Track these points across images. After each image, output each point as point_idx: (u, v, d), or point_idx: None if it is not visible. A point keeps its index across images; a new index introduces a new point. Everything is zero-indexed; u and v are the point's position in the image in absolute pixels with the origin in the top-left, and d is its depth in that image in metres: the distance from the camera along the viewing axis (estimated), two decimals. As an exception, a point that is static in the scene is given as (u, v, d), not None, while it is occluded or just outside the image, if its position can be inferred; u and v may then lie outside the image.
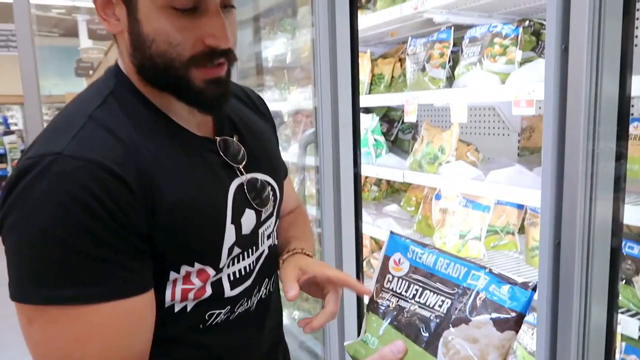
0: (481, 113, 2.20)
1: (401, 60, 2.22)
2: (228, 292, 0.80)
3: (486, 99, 1.50)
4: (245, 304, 0.84)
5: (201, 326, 0.79)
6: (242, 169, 0.82)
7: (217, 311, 0.80)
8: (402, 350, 0.69)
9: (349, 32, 1.79)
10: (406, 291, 0.72)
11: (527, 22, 1.64)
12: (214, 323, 0.80)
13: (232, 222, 0.78)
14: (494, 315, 0.64)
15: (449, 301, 0.68)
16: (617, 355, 1.26)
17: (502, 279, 0.65)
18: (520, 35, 1.53)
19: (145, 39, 0.71)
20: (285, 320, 1.03)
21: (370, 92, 2.23)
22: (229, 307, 0.81)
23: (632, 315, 1.18)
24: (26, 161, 0.65)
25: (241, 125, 0.88)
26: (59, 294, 0.63)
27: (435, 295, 0.69)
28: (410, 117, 1.78)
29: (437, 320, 0.67)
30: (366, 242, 2.51)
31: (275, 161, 0.95)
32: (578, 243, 0.91)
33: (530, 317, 1.57)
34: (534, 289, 0.64)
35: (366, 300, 0.80)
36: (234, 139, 0.84)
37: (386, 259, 0.76)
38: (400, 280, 0.73)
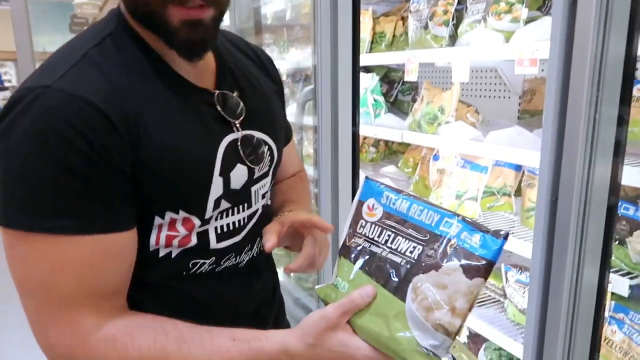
0: (482, 75, 2.17)
1: (403, 19, 2.18)
2: (214, 244, 0.81)
3: (489, 57, 1.47)
4: (234, 259, 0.85)
5: (184, 274, 0.80)
6: (238, 125, 0.81)
7: (202, 261, 0.81)
8: (371, 295, 0.69)
9: (351, -12, 1.76)
10: (378, 237, 0.72)
11: (533, -20, 1.59)
12: (197, 272, 0.81)
13: (220, 175, 0.78)
14: (464, 262, 0.64)
15: (420, 247, 0.67)
16: (606, 313, 1.29)
17: (475, 227, 0.65)
18: (527, -8, 1.49)
19: None
20: (280, 277, 1.04)
21: (371, 50, 2.20)
22: (213, 258, 0.82)
23: (623, 275, 1.20)
24: (18, 92, 0.67)
25: (244, 81, 0.87)
26: (40, 222, 0.65)
27: (407, 241, 0.69)
28: (411, 76, 1.75)
29: (408, 266, 0.67)
30: (363, 202, 2.53)
31: (276, 122, 0.93)
32: (575, 200, 0.92)
33: (522, 277, 1.60)
34: (505, 238, 0.63)
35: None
36: (235, 94, 0.83)
37: (360, 204, 0.75)
38: (373, 225, 0.73)
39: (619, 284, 1.18)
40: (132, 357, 0.69)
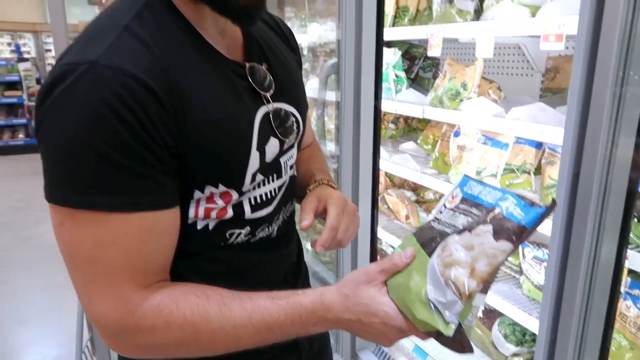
0: (505, 52, 2.15)
1: (427, -7, 2.16)
2: (248, 215, 0.83)
3: (515, 32, 1.46)
4: (267, 229, 0.87)
5: (222, 244, 0.82)
6: (268, 97, 0.82)
7: (238, 231, 0.83)
8: (409, 256, 0.71)
9: (376, -39, 1.75)
10: (449, 219, 0.73)
11: (563, -46, 1.57)
12: (234, 242, 0.83)
13: (257, 149, 0.79)
14: (497, 225, 0.64)
15: (472, 220, 0.68)
16: (622, 289, 1.30)
17: (527, 202, 0.65)
18: (555, -33, 1.47)
19: None
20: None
21: (393, 25, 2.19)
22: (248, 228, 0.84)
23: (641, 251, 1.21)
24: (61, 67, 0.65)
25: (270, 53, 0.87)
26: (91, 200, 0.65)
27: (465, 217, 0.70)
28: (434, 52, 1.75)
29: (450, 232, 0.69)
30: (381, 179, 2.55)
31: (300, 93, 0.94)
32: (597, 176, 0.93)
33: (539, 253, 1.62)
34: (547, 207, 0.63)
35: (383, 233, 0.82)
36: (263, 66, 0.84)
37: (449, 195, 0.77)
38: (449, 211, 0.74)
39: (636, 261, 1.19)
40: (178, 322, 0.71)
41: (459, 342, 0.65)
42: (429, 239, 0.71)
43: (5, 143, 7.82)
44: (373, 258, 2.23)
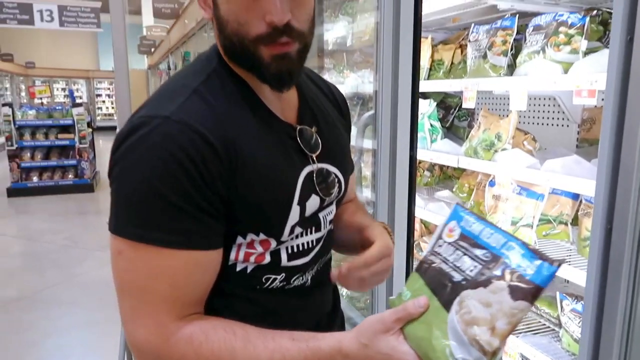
0: (541, 103, 2.18)
1: (462, 47, 2.23)
2: (284, 262, 0.89)
3: (547, 87, 1.51)
4: (301, 278, 0.93)
5: (258, 287, 0.88)
6: (314, 158, 0.90)
7: (274, 276, 0.89)
8: (424, 305, 0.73)
9: (413, 17, 1.83)
10: (450, 256, 0.75)
11: (594, 12, 1.62)
12: (270, 287, 0.89)
13: (298, 204, 0.86)
14: (512, 283, 0.65)
15: (480, 266, 0.70)
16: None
17: (534, 253, 0.66)
18: (587, 24, 1.52)
19: (223, 21, 0.80)
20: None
21: (428, 77, 2.26)
22: (284, 274, 0.90)
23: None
24: (138, 119, 0.77)
25: (321, 117, 0.96)
26: (149, 235, 0.74)
27: (471, 260, 0.71)
28: (469, 103, 1.81)
29: (463, 282, 0.70)
30: (416, 226, 2.56)
31: (345, 156, 1.02)
32: (630, 229, 0.94)
33: (578, 306, 1.59)
34: (559, 266, 0.64)
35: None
36: (313, 129, 0.92)
37: (444, 226, 0.80)
38: (449, 245, 0.76)
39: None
40: (206, 354, 0.77)
41: None
42: (439, 284, 0.73)
43: (56, 183, 8.21)
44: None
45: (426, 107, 2.24)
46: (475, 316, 0.65)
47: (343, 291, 2.78)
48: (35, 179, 8.12)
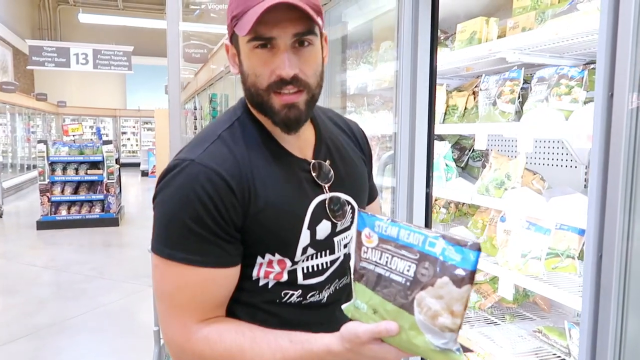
0: (550, 145, 2.33)
1: (474, 93, 2.41)
2: (300, 281, 1.05)
3: (550, 133, 1.67)
4: (317, 295, 1.07)
5: (277, 300, 1.04)
6: (327, 188, 1.06)
7: (291, 292, 1.05)
8: (394, 331, 0.82)
9: (429, 67, 2.03)
10: (380, 259, 0.84)
11: (592, 65, 1.80)
12: (288, 301, 1.05)
13: (308, 228, 1.01)
14: (452, 276, 0.76)
15: (414, 265, 0.79)
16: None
17: (455, 243, 0.76)
18: (586, 77, 1.69)
19: (245, 75, 0.99)
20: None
21: (444, 121, 2.44)
22: (300, 291, 1.05)
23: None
24: (175, 161, 0.96)
25: (335, 151, 1.11)
26: (175, 254, 0.93)
27: (403, 261, 0.81)
28: (480, 146, 1.97)
29: (408, 284, 0.80)
30: (433, 259, 2.68)
31: (359, 185, 1.16)
32: (617, 255, 1.09)
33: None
34: (478, 248, 0.74)
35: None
36: (327, 162, 1.08)
37: (358, 234, 0.88)
38: (373, 250, 0.86)
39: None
40: (219, 351, 0.94)
41: None
42: (384, 289, 0.84)
43: (83, 216, 8.50)
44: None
45: (442, 148, 2.42)
46: (435, 310, 0.78)
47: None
48: (63, 212, 8.43)
